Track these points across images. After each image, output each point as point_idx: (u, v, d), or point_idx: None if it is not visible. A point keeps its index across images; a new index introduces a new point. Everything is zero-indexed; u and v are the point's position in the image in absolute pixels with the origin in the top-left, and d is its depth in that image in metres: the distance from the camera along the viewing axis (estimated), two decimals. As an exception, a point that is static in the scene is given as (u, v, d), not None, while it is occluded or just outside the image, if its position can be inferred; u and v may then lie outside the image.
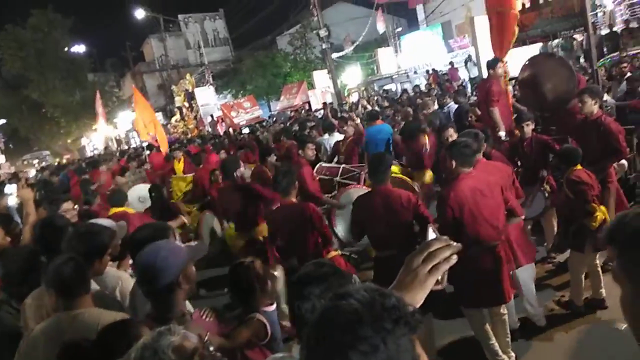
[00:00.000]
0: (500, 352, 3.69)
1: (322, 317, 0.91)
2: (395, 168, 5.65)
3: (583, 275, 4.41)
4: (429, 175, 6.55)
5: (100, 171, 10.67)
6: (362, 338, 0.83)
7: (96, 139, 39.24)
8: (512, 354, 3.80)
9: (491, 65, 6.36)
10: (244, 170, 6.53)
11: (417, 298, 1.18)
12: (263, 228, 5.22)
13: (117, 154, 21.51)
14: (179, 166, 9.99)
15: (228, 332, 2.44)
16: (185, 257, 2.10)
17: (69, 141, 41.81)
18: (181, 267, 2.04)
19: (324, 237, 4.23)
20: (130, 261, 3.32)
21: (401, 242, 3.62)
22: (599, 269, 4.40)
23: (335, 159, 7.37)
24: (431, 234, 1.51)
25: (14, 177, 13.57)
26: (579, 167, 4.29)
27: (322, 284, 1.57)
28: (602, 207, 4.16)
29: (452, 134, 5.50)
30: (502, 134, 5.99)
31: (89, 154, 37.68)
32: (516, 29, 6.11)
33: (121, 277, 3.05)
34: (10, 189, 6.95)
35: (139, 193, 7.81)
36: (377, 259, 3.90)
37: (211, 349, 1.63)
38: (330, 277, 1.61)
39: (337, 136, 8.58)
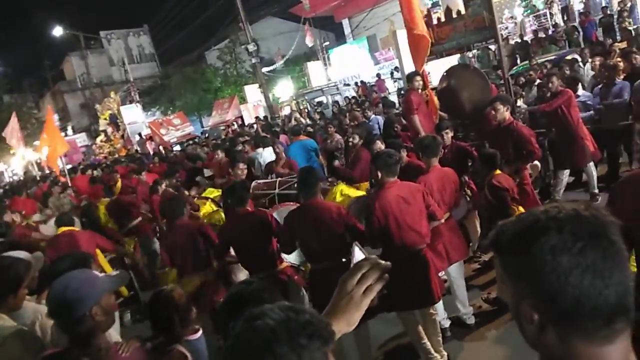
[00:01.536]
0: (432, 351, 3.82)
1: (238, 339, 0.92)
2: (343, 186, 5.57)
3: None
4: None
5: (21, 199, 10.05)
6: (279, 355, 0.86)
7: (15, 163, 36.78)
8: (444, 353, 3.94)
9: (409, 78, 6.73)
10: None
11: (353, 319, 1.21)
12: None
13: (39, 178, 20.21)
14: (118, 186, 9.65)
15: None
16: (101, 288, 2.00)
17: (-17, 167, 38.87)
18: (96, 298, 1.94)
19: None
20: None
21: (335, 254, 3.68)
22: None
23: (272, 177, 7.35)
24: (358, 253, 1.54)
25: None
26: (498, 171, 4.55)
27: (256, 302, 1.57)
28: (521, 208, 4.44)
29: (380, 146, 5.66)
30: None
31: (7, 179, 35.16)
32: (418, 47, 6.62)
33: (40, 311, 2.87)
34: None
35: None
36: (313, 271, 3.93)
37: None
38: (262, 294, 1.61)
39: (270, 150, 8.58)
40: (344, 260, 3.67)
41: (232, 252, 4.48)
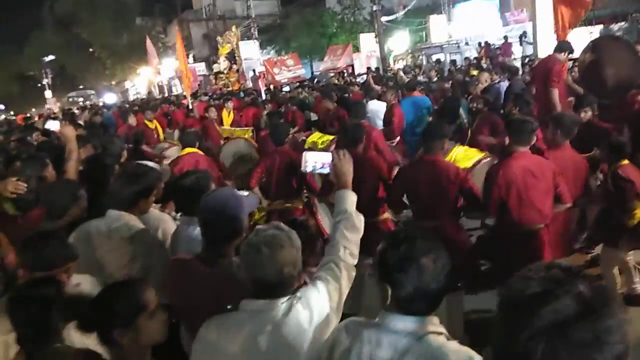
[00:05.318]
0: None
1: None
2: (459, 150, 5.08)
3: (616, 270, 4.28)
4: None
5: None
6: None
7: (139, 83, 39.91)
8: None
9: (560, 48, 6.10)
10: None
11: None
12: None
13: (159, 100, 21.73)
14: (228, 119, 10.05)
15: None
16: (248, 205, 2.24)
17: (113, 83, 42.64)
18: (246, 214, 2.19)
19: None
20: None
21: (444, 213, 3.57)
22: (631, 265, 4.24)
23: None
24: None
25: (67, 115, 13.89)
26: (626, 161, 4.09)
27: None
28: (643, 205, 3.99)
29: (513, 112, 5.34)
30: None
31: (131, 97, 38.38)
32: (582, 12, 5.91)
33: (163, 219, 3.11)
34: (53, 125, 7.05)
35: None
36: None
37: None
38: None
39: (377, 103, 8.42)
40: (452, 223, 3.55)
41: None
